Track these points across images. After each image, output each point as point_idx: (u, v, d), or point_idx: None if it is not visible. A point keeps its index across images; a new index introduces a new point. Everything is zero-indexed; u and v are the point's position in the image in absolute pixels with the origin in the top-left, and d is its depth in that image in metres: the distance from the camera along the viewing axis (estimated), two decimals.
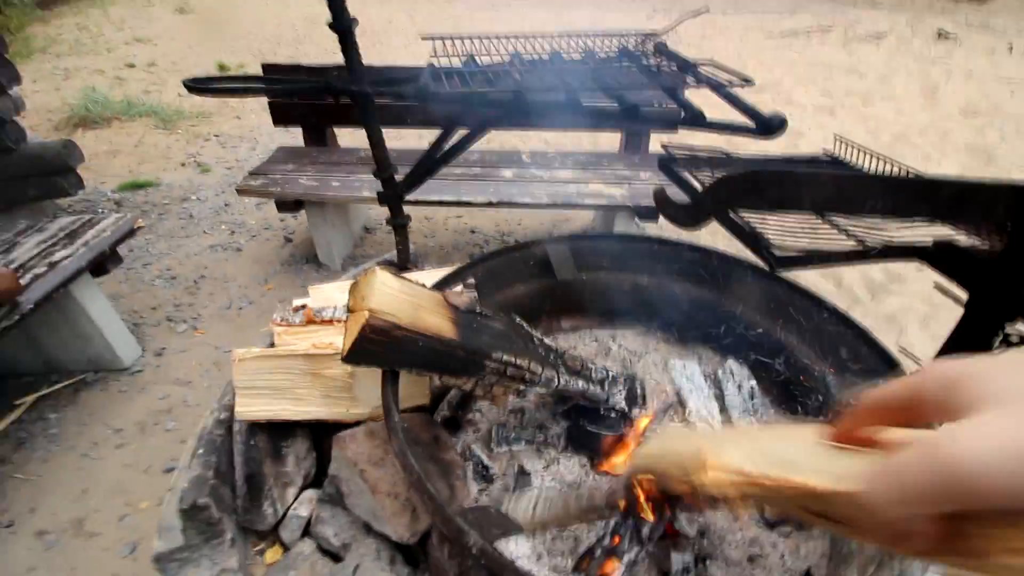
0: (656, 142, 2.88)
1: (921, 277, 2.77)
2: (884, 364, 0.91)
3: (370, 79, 1.19)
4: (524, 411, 1.19)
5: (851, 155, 1.18)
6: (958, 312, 0.98)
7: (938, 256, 0.89)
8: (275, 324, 1.14)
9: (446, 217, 3.21)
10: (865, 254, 0.91)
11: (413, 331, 0.83)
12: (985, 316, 0.82)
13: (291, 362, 1.04)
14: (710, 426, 1.12)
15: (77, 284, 2.02)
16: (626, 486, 0.78)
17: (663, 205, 0.70)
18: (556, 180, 2.63)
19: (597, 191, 2.56)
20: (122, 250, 2.91)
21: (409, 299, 0.86)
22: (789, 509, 0.42)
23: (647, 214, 2.57)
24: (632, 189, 2.55)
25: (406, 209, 1.38)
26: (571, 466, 1.07)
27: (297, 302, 1.20)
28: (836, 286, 2.68)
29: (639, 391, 1.17)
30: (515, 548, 0.85)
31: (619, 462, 1.02)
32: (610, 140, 3.65)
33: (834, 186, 0.64)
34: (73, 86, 4.69)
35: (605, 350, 1.33)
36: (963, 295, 0.89)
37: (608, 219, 2.73)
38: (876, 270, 2.80)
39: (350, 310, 0.85)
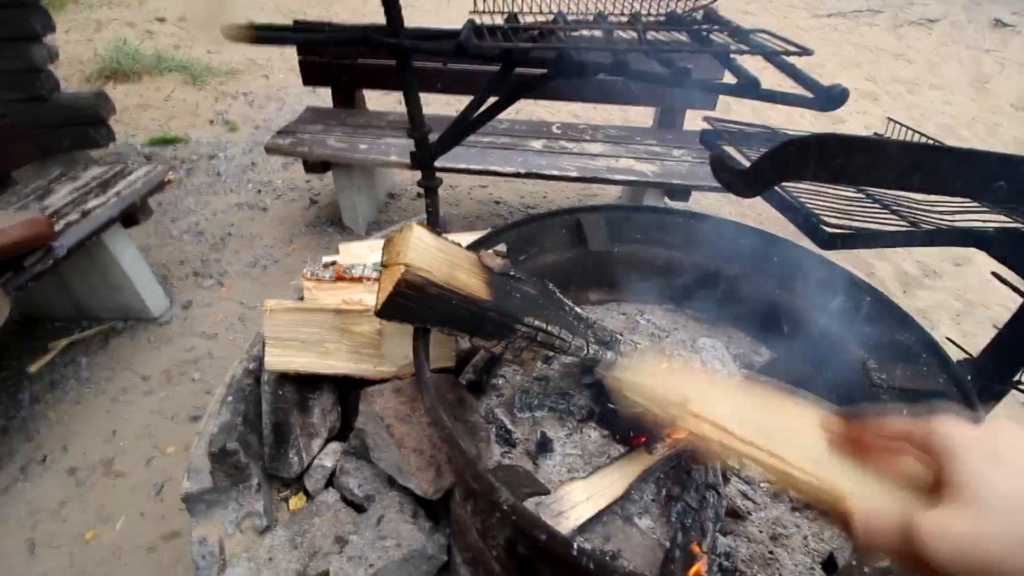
0: (691, 121, 2.79)
1: (957, 273, 2.68)
2: (926, 351, 0.88)
3: (408, 35, 1.16)
4: (548, 379, 1.19)
5: (903, 136, 1.12)
6: (995, 311, 0.94)
7: (1000, 243, 0.85)
8: (305, 279, 1.14)
9: (471, 186, 3.18)
10: (918, 236, 0.87)
11: (448, 289, 0.82)
12: None
13: (321, 316, 1.04)
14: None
15: (109, 233, 2.05)
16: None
17: (720, 170, 0.67)
18: (585, 154, 2.58)
19: (627, 167, 2.50)
20: (152, 204, 2.95)
21: (445, 257, 0.85)
22: (764, 473, 0.47)
23: (678, 193, 2.51)
24: (664, 166, 2.49)
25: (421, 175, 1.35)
26: (594, 436, 1.07)
27: (327, 259, 1.20)
28: (868, 277, 2.60)
29: None
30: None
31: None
32: (642, 116, 3.55)
33: (905, 157, 0.61)
34: (104, 38, 4.70)
35: (633, 325, 1.31)
36: (1022, 286, 0.85)
37: (636, 196, 2.67)
38: (910, 265, 2.71)
39: (384, 265, 0.84)
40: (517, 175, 2.42)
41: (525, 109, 3.97)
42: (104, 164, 2.38)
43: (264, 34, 1.10)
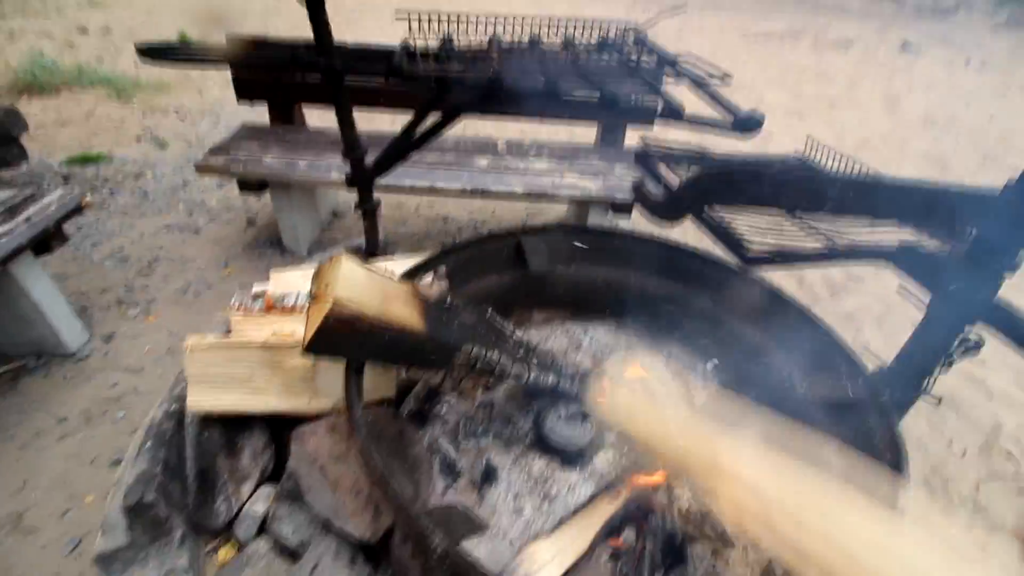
0: (632, 138, 2.88)
1: (878, 278, 2.87)
2: (848, 365, 0.92)
3: (341, 55, 1.13)
4: (493, 404, 1.17)
5: (821, 157, 1.19)
6: (912, 312, 1.01)
7: (902, 258, 0.91)
8: (232, 310, 1.08)
9: (418, 204, 3.14)
10: (832, 255, 0.92)
11: (380, 323, 0.79)
12: (945, 318, 0.84)
13: (249, 352, 0.98)
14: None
15: (17, 263, 1.88)
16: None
17: (642, 198, 0.68)
18: (531, 171, 2.60)
19: (572, 183, 2.54)
20: (69, 228, 2.73)
21: (376, 289, 0.82)
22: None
23: (621, 208, 2.57)
24: (607, 183, 2.55)
25: (376, 194, 1.32)
26: (539, 463, 1.06)
27: (257, 288, 1.14)
28: (799, 284, 2.75)
29: None
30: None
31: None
32: (586, 134, 3.63)
33: (809, 187, 0.64)
34: (19, 49, 4.36)
35: (576, 344, 1.32)
36: (925, 298, 0.92)
37: (582, 212, 2.72)
38: (836, 271, 2.89)
39: (312, 298, 0.80)
40: (463, 192, 2.41)
41: (472, 126, 3.98)
42: (14, 186, 2.18)
43: (183, 56, 1.04)
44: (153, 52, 1.03)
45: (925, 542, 0.36)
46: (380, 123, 3.64)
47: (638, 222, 2.98)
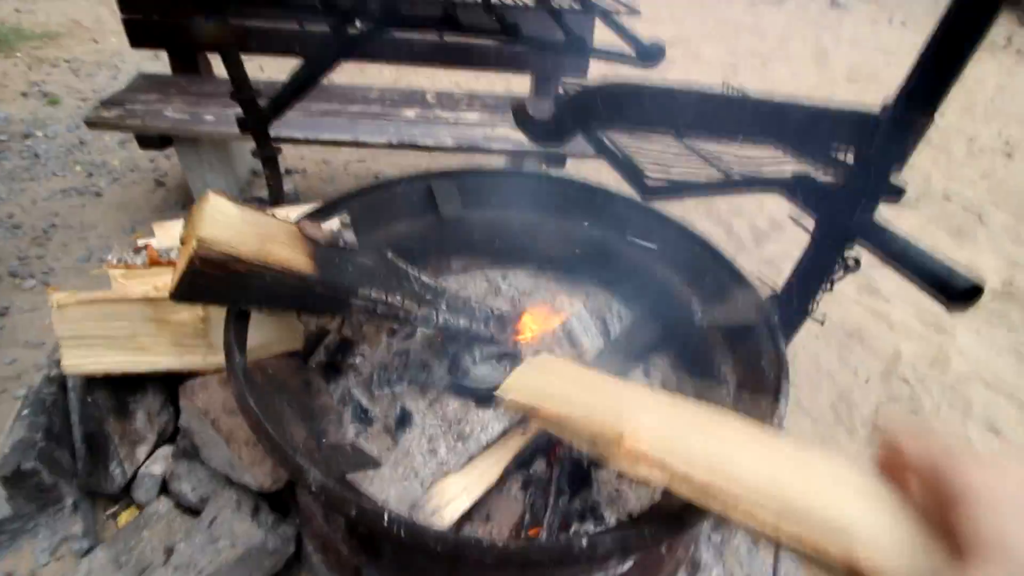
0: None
1: (797, 227, 3.03)
2: (736, 283, 0.96)
3: None
4: (409, 352, 1.15)
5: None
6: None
7: (794, 187, 0.94)
8: (111, 267, 0.99)
9: (346, 161, 2.99)
10: (729, 185, 0.93)
11: (257, 264, 0.74)
12: (828, 243, 0.88)
13: (128, 307, 0.91)
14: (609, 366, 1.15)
15: None
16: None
17: (523, 120, 0.66)
18: (462, 122, 2.51)
19: (504, 135, 2.48)
20: None
21: (253, 229, 0.76)
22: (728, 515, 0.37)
23: (556, 160, 2.54)
24: None
25: (293, 150, 1.23)
26: (453, 404, 1.06)
27: (140, 242, 1.05)
28: (727, 232, 2.85)
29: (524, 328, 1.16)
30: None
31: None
32: (522, 85, 3.54)
33: (690, 103, 0.63)
34: None
35: (495, 289, 1.31)
36: (810, 225, 0.96)
37: (517, 164, 2.67)
38: (761, 219, 3.01)
39: (182, 242, 0.74)
40: (389, 145, 2.30)
41: (403, 78, 3.80)
42: None
43: None
44: None
45: (784, 449, 0.40)
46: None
47: (575, 173, 2.97)
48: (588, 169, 3.12)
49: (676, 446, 0.43)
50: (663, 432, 0.44)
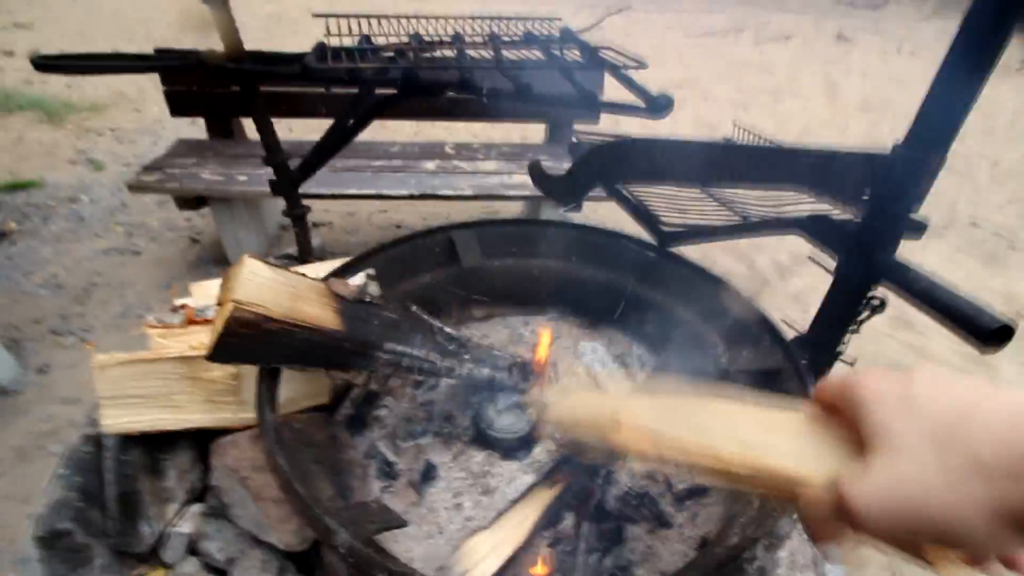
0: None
1: (822, 260, 2.98)
2: (762, 326, 0.95)
3: (252, 59, 1.11)
4: (433, 403, 1.15)
5: (745, 138, 1.22)
6: None
7: (812, 227, 0.94)
8: (149, 327, 1.03)
9: (370, 212, 3.10)
10: (746, 227, 0.94)
11: (289, 323, 0.77)
12: (851, 283, 0.87)
13: (165, 366, 0.94)
14: (620, 387, 1.13)
15: None
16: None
17: (539, 179, 0.68)
18: (480, 171, 2.60)
19: (522, 182, 2.55)
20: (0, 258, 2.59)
21: (285, 288, 0.79)
22: (699, 471, 0.45)
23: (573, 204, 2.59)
24: None
25: (319, 204, 1.29)
26: (479, 457, 1.05)
27: (178, 302, 1.10)
28: (749, 268, 2.82)
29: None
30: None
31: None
32: (537, 133, 3.66)
33: (702, 154, 0.65)
34: None
35: (517, 337, 1.32)
36: (832, 264, 0.95)
37: (534, 210, 2.73)
38: (783, 254, 2.98)
39: (219, 304, 0.77)
40: (411, 197, 2.38)
41: (423, 132, 3.97)
42: None
43: (76, 64, 1.00)
44: (47, 63, 0.98)
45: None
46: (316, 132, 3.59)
47: (592, 216, 3.01)
48: (605, 211, 3.16)
49: (662, 420, 0.50)
50: (651, 413, 0.52)
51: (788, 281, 2.77)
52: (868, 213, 0.80)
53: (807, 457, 0.37)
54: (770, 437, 0.41)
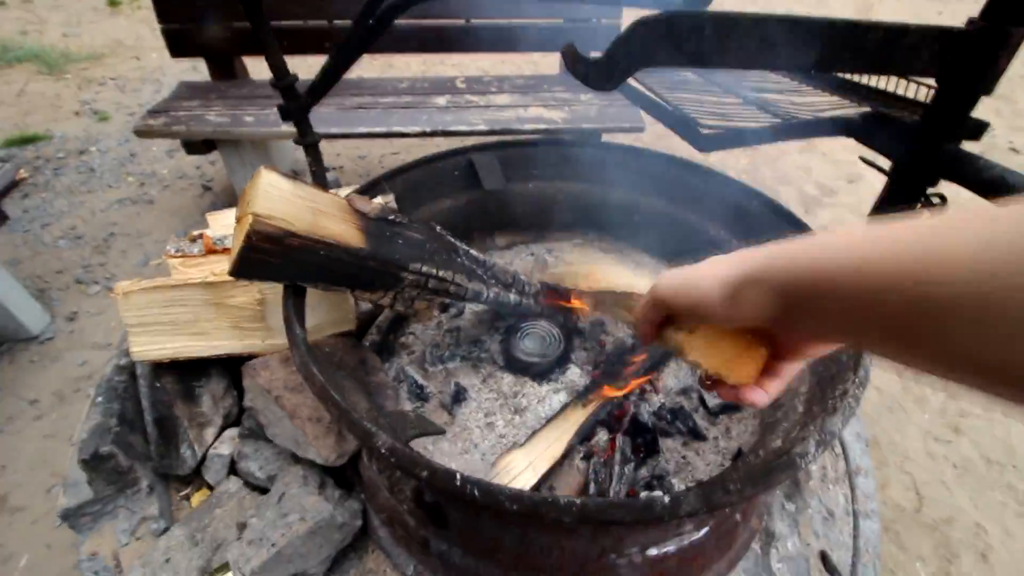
0: None
1: (851, 190, 2.85)
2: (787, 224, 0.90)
3: None
4: (460, 329, 1.14)
5: None
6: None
7: (865, 128, 0.87)
8: (169, 256, 1.02)
9: (381, 155, 3.02)
10: (790, 129, 0.87)
11: (311, 239, 0.74)
12: (909, 182, 0.81)
13: (188, 292, 0.93)
14: None
15: None
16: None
17: (574, 62, 0.62)
18: (493, 105, 2.49)
19: (537, 115, 2.44)
20: (15, 211, 2.60)
21: (306, 203, 0.76)
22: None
23: (589, 138, 2.49)
24: (573, 112, 2.45)
25: (330, 147, 1.24)
26: (508, 379, 1.04)
27: (196, 232, 1.08)
28: None
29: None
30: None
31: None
32: (550, 66, 3.49)
33: (757, 30, 0.59)
34: None
35: (542, 264, 1.28)
36: (886, 165, 0.88)
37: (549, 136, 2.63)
38: (810, 184, 2.86)
39: (237, 220, 0.75)
40: (423, 134, 2.30)
41: (432, 69, 3.80)
42: None
43: None
44: None
45: None
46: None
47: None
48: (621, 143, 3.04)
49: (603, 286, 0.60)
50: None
51: (815, 213, 2.67)
52: (935, 98, 0.73)
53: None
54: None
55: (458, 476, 0.53)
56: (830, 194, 2.82)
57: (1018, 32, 0.66)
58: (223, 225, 1.08)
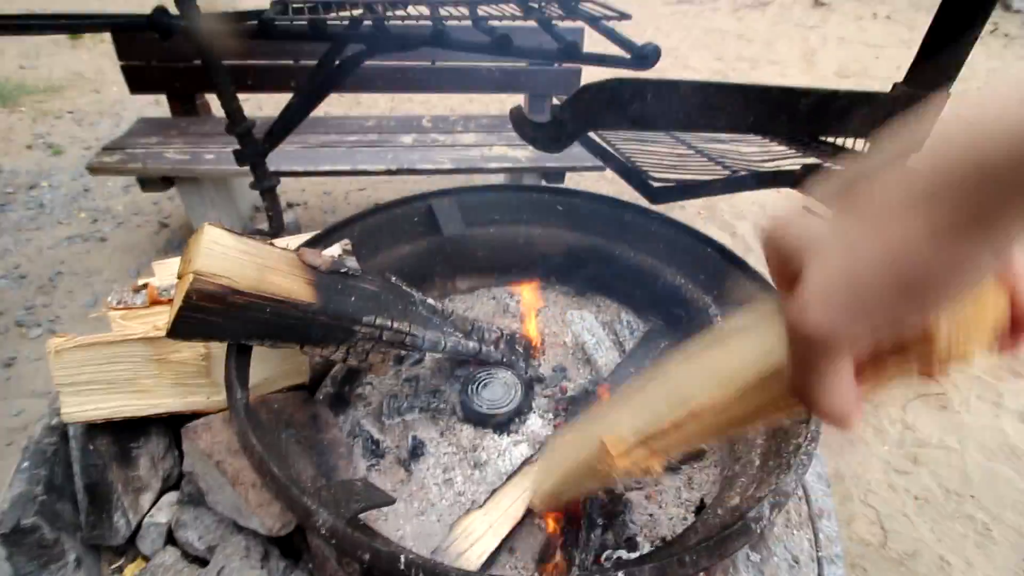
0: None
1: None
2: (758, 287, 0.92)
3: (206, 18, 1.02)
4: (419, 378, 1.11)
5: None
6: None
7: (806, 179, 0.91)
8: (111, 308, 0.97)
9: (347, 191, 3.00)
10: (736, 181, 0.90)
11: (257, 296, 0.71)
12: None
13: (128, 348, 0.88)
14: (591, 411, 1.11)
15: None
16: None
17: (521, 125, 0.63)
18: (459, 144, 2.52)
19: (502, 154, 2.48)
20: None
21: (252, 259, 0.74)
22: (705, 435, 0.41)
23: (553, 176, 2.54)
24: (537, 151, 2.50)
25: (295, 183, 1.22)
26: (467, 431, 1.01)
27: (140, 281, 1.03)
28: (731, 236, 2.81)
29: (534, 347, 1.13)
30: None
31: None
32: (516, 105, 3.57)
33: (696, 96, 0.61)
34: None
35: (503, 308, 1.27)
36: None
37: (515, 181, 2.66)
38: (765, 220, 2.97)
39: (179, 277, 0.71)
40: (388, 172, 2.30)
41: (399, 107, 3.84)
42: None
43: (9, 23, 0.91)
44: None
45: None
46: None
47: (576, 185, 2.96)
48: (586, 183, 3.11)
49: (642, 417, 0.45)
50: (629, 418, 0.46)
51: None
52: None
53: (775, 344, 0.32)
54: (740, 356, 0.37)
55: (402, 559, 0.50)
56: None
57: (936, 96, 0.71)
58: (170, 273, 1.04)
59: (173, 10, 0.98)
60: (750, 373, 0.35)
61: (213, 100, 2.64)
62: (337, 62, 1.05)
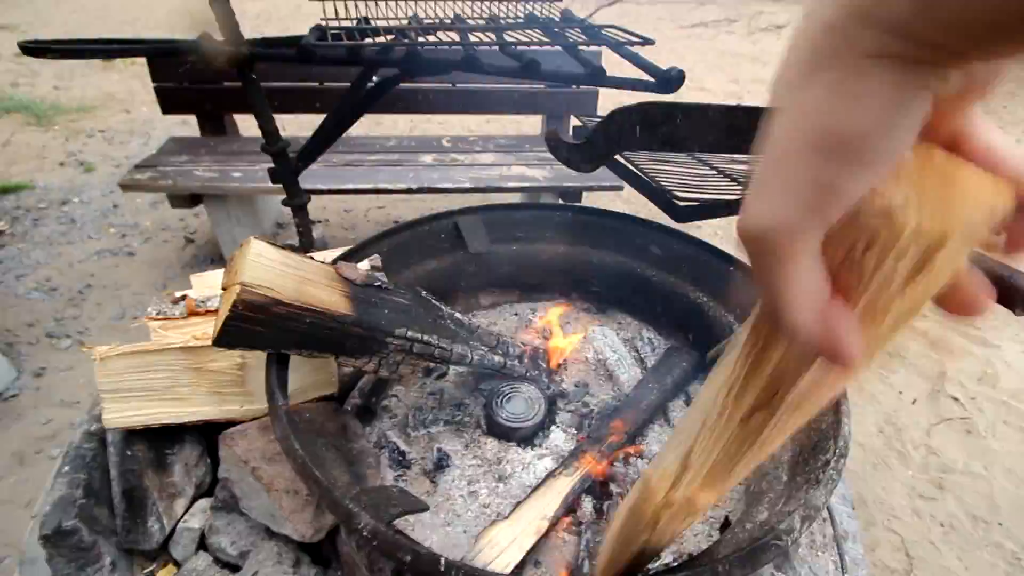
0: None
1: None
2: None
3: (247, 43, 1.08)
4: (443, 391, 1.13)
5: None
6: None
7: None
8: (150, 319, 1.01)
9: (367, 208, 3.07)
10: None
11: (297, 307, 0.74)
12: None
13: (168, 357, 0.92)
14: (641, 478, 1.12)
15: None
16: None
17: (556, 147, 0.66)
18: (477, 164, 2.58)
19: (520, 174, 2.53)
20: None
21: (293, 272, 0.77)
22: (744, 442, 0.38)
23: (571, 195, 2.57)
24: (555, 171, 2.54)
25: (316, 201, 1.27)
26: (491, 444, 1.03)
27: (178, 293, 1.07)
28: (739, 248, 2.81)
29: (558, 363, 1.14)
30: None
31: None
32: (533, 126, 3.65)
33: (725, 119, 0.63)
34: None
35: (526, 323, 1.30)
36: None
37: (533, 201, 2.71)
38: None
39: (223, 288, 0.75)
40: (409, 191, 2.36)
41: (419, 127, 3.94)
42: None
43: (67, 47, 0.97)
44: (37, 47, 0.95)
45: None
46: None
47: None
48: (603, 203, 3.15)
49: (690, 460, 0.42)
50: (671, 452, 0.44)
51: None
52: None
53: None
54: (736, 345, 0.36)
55: (442, 561, 0.51)
56: None
57: None
58: (207, 286, 1.08)
59: (216, 36, 1.04)
60: (741, 341, 0.34)
61: (240, 120, 2.74)
62: (371, 85, 1.10)
